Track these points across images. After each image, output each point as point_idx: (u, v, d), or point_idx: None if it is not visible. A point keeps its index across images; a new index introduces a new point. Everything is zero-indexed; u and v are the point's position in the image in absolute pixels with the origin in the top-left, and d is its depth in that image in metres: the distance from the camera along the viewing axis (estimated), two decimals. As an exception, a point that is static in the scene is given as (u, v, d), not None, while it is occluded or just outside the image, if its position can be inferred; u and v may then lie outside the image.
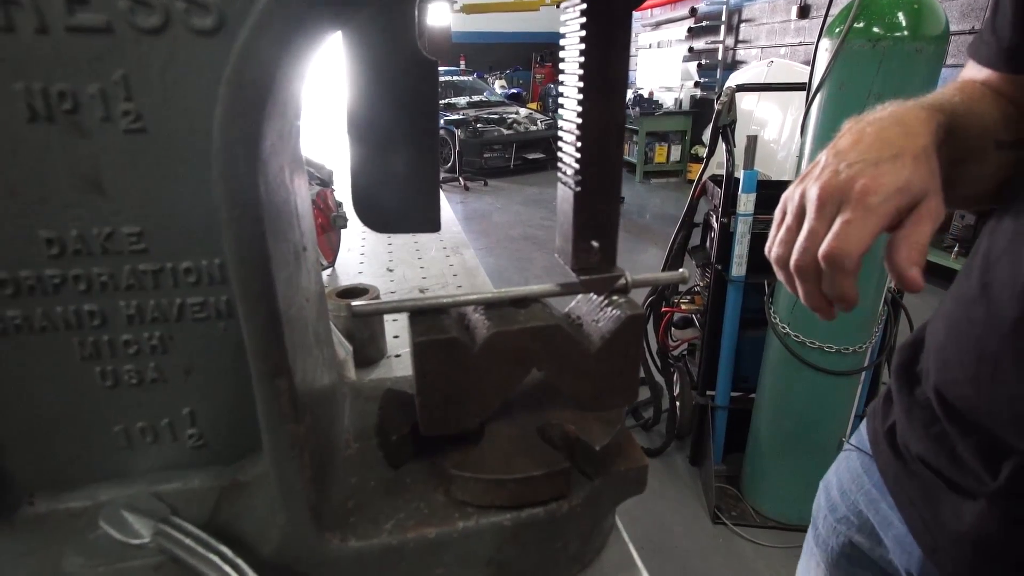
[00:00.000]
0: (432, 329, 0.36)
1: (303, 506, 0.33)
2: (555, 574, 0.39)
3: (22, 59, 0.28)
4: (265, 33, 0.26)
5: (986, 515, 0.45)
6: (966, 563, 0.48)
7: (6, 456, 0.36)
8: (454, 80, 8.52)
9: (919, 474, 0.52)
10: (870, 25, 1.24)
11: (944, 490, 0.50)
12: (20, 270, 0.32)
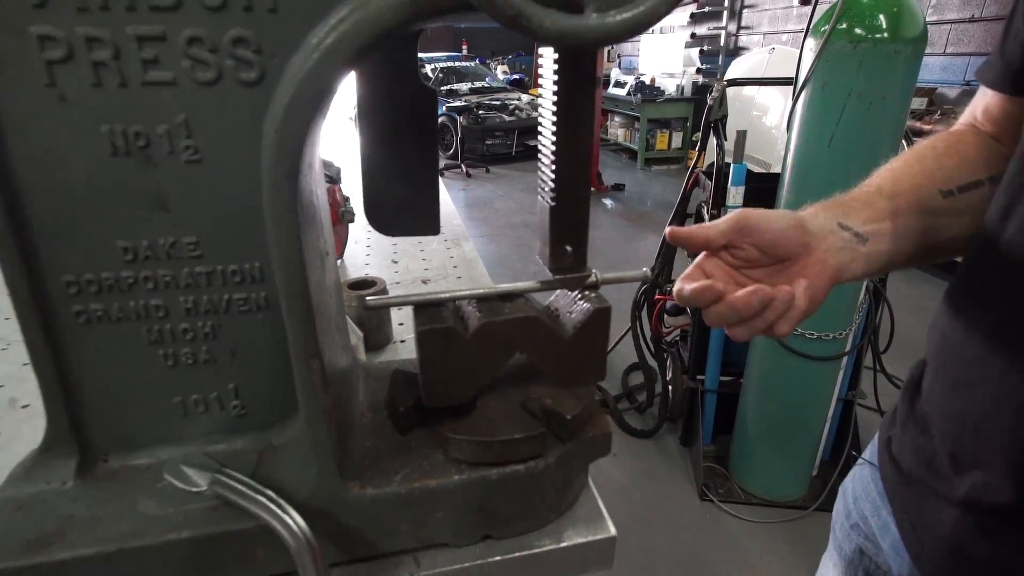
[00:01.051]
0: (432, 319, 0.44)
1: (331, 461, 0.41)
2: (533, 521, 0.47)
3: (107, 108, 0.36)
4: (303, 93, 0.33)
5: (961, 522, 0.48)
6: (945, 568, 0.50)
7: (86, 422, 0.44)
8: (456, 66, 8.50)
9: (910, 483, 0.54)
10: (852, 27, 1.30)
11: (928, 498, 0.52)
12: (102, 272, 0.40)
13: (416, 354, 0.46)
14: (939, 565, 0.51)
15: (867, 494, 0.62)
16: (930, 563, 0.52)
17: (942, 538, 0.50)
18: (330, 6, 0.35)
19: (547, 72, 0.39)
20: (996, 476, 0.45)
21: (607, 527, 0.48)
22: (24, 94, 0.34)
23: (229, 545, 0.41)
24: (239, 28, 0.35)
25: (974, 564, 0.48)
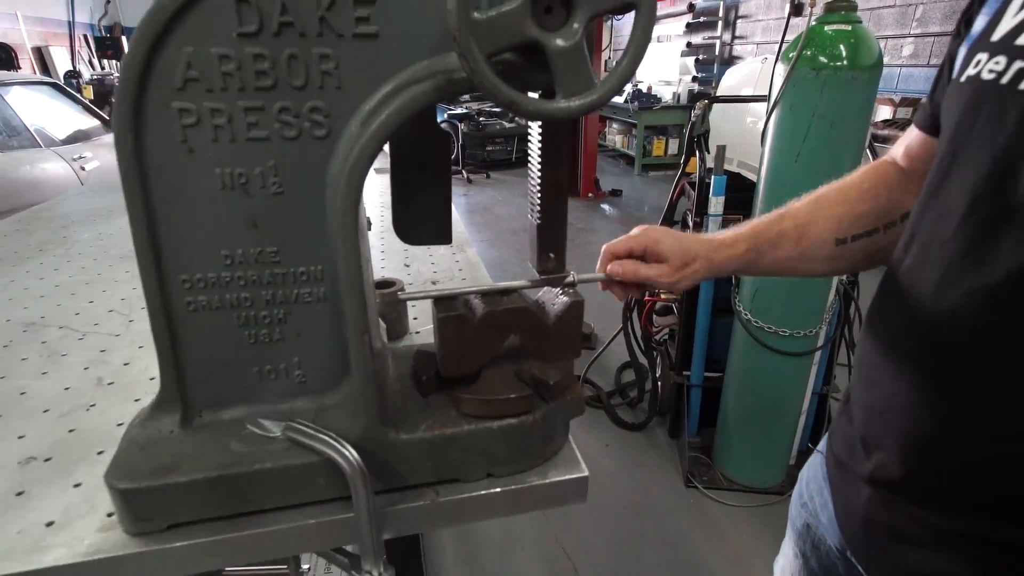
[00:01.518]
0: (449, 309, 0.58)
1: (375, 414, 0.55)
2: (525, 463, 0.61)
3: (221, 157, 0.50)
4: (364, 151, 0.48)
5: (870, 497, 0.57)
6: (860, 535, 0.60)
7: (188, 386, 0.58)
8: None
9: (840, 466, 0.63)
10: (816, 55, 1.45)
11: (850, 478, 0.61)
12: (208, 273, 0.54)
13: (434, 336, 0.60)
14: (856, 533, 0.61)
15: (815, 478, 0.72)
16: (850, 531, 0.62)
17: (858, 511, 0.59)
18: (378, 84, 0.50)
19: (534, 134, 0.54)
20: (891, 456, 0.54)
21: (582, 469, 0.63)
22: (165, 147, 0.49)
23: (298, 475, 0.56)
24: (315, 100, 0.50)
25: (879, 530, 0.57)
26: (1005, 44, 0.45)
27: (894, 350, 0.54)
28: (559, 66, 0.44)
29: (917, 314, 0.50)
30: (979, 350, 0.45)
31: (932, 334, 0.48)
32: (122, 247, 1.38)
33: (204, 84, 0.48)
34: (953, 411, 0.48)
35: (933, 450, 0.50)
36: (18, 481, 0.62)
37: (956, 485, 0.49)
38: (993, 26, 0.47)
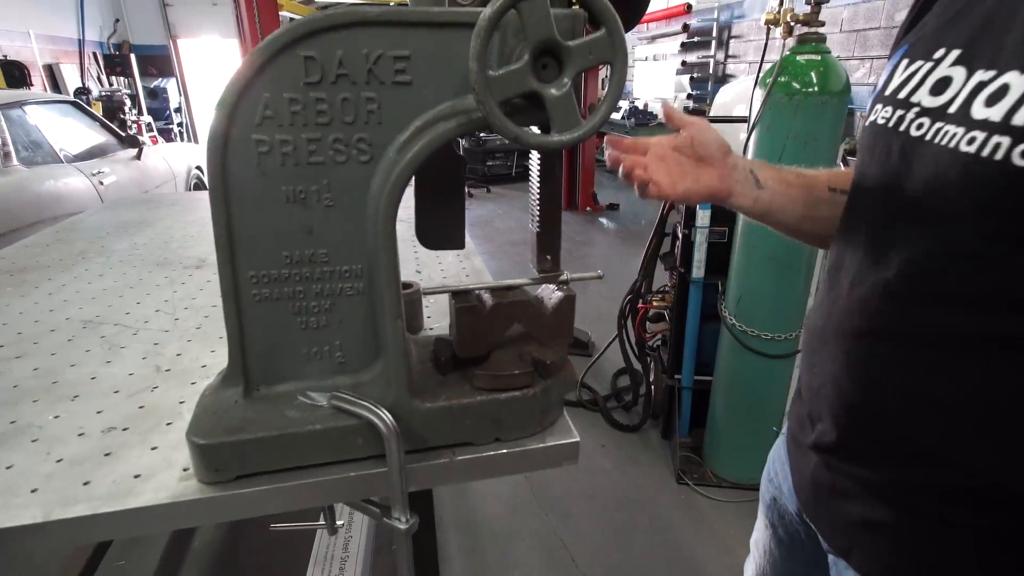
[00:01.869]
0: (464, 300, 0.71)
1: (404, 386, 0.68)
2: (527, 428, 0.73)
3: (286, 177, 0.63)
4: (400, 177, 0.61)
5: (815, 462, 0.66)
6: (810, 497, 0.69)
7: (250, 364, 0.70)
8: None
9: (796, 441, 0.72)
10: (790, 81, 1.60)
11: (802, 449, 0.70)
12: (271, 270, 0.67)
13: (450, 325, 0.73)
14: (807, 496, 0.70)
15: (779, 456, 0.81)
16: (803, 495, 0.72)
17: (808, 476, 0.69)
18: (411, 120, 0.63)
19: (533, 159, 0.67)
20: (827, 425, 0.64)
21: (574, 436, 0.75)
22: (244, 169, 0.62)
23: (341, 435, 0.68)
24: (361, 132, 0.63)
25: (823, 490, 0.66)
26: (892, 97, 0.58)
27: (824, 337, 0.66)
28: (553, 109, 0.58)
29: (839, 306, 0.63)
30: (881, 331, 0.57)
31: (849, 321, 0.61)
32: (157, 256, 1.51)
33: (276, 121, 0.61)
34: (868, 382, 0.60)
35: (856, 415, 0.61)
36: (105, 445, 0.74)
37: (875, 442, 0.60)
38: (887, 84, 0.60)
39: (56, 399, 0.85)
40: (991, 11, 0.51)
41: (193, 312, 1.15)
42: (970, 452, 0.52)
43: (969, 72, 0.50)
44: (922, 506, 0.57)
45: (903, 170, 0.55)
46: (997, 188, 0.45)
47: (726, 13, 7.08)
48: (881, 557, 0.60)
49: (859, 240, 0.61)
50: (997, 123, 0.46)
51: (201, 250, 1.56)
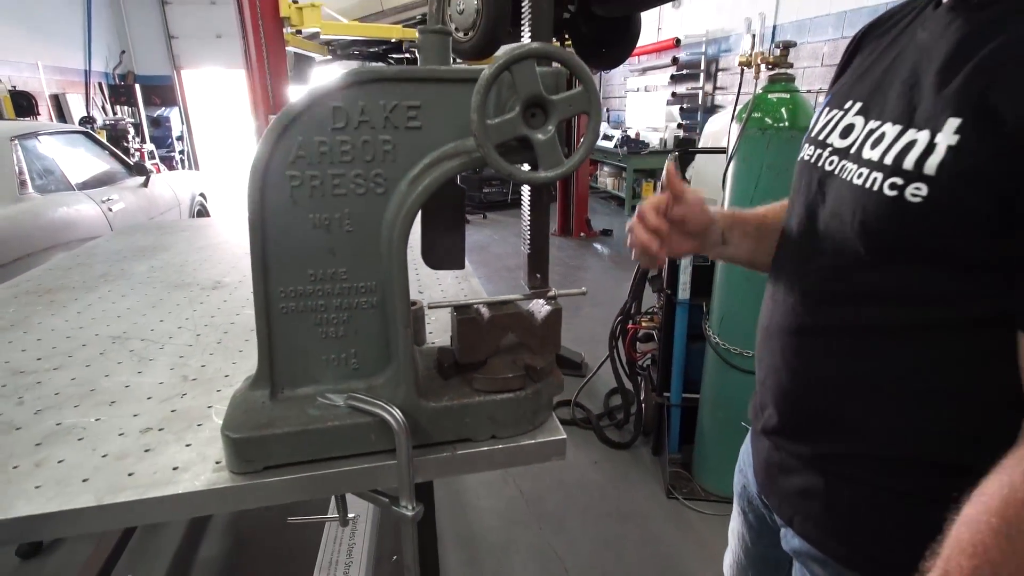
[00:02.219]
0: (465, 313, 0.81)
1: (412, 387, 0.78)
2: (520, 426, 0.83)
3: (313, 206, 0.74)
4: (412, 207, 0.72)
5: (767, 445, 0.77)
6: (765, 476, 0.79)
7: (276, 369, 0.80)
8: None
9: (754, 430, 0.82)
10: (763, 117, 1.73)
11: (758, 435, 0.80)
12: (297, 286, 0.77)
13: (452, 335, 0.83)
14: (763, 477, 0.80)
15: (746, 449, 0.92)
16: (760, 477, 0.81)
17: (762, 458, 0.79)
18: (421, 158, 0.74)
19: (525, 191, 0.78)
20: (772, 410, 0.75)
21: (561, 434, 0.85)
22: (278, 201, 0.73)
23: (356, 431, 0.77)
24: (378, 168, 0.74)
25: (773, 468, 0.77)
26: (815, 138, 0.71)
27: (767, 336, 0.77)
28: (540, 150, 0.69)
29: (776, 309, 0.74)
30: (803, 327, 0.69)
31: (784, 321, 0.72)
32: (174, 278, 1.61)
33: (307, 160, 0.72)
34: (797, 370, 0.71)
35: (791, 399, 0.73)
36: (143, 442, 0.83)
37: (807, 421, 0.71)
38: (813, 127, 0.73)
39: (95, 404, 0.94)
40: (883, 73, 0.65)
41: (213, 328, 1.25)
42: (877, 423, 0.63)
43: (865, 121, 0.63)
44: (847, 473, 0.67)
45: (819, 198, 0.67)
46: (873, 212, 0.58)
47: (713, 47, 7.36)
48: (817, 520, 0.70)
49: (789, 254, 0.73)
50: (876, 162, 0.58)
51: (216, 272, 1.66)
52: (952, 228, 0.53)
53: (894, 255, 0.58)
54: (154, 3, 11.38)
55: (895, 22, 0.70)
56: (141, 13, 11.27)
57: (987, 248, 0.52)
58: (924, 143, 0.54)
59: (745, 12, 6.58)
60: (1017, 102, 0.48)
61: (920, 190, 0.54)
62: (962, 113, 0.52)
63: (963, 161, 0.51)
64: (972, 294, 0.55)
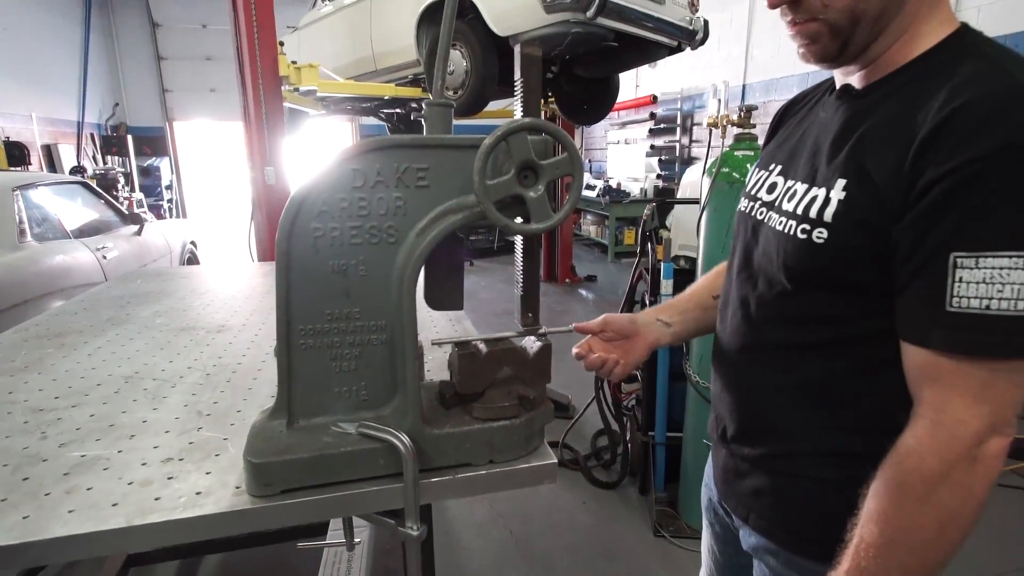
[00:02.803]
0: (465, 348, 0.91)
1: (419, 416, 0.86)
2: (515, 451, 0.91)
3: (333, 253, 0.84)
4: (419, 257, 0.83)
5: (726, 453, 0.89)
6: (723, 484, 0.90)
7: (293, 400, 0.88)
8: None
9: (712, 443, 0.95)
10: (730, 172, 1.90)
11: (718, 446, 0.92)
12: (316, 324, 0.86)
13: (452, 368, 0.93)
14: (722, 484, 0.91)
15: (709, 464, 1.02)
16: (719, 485, 0.92)
17: (720, 466, 0.91)
18: (428, 212, 0.85)
19: (518, 241, 0.90)
20: (727, 420, 0.87)
21: (552, 459, 0.93)
22: (303, 249, 0.83)
23: (367, 456, 0.85)
24: (390, 221, 0.85)
25: (729, 474, 0.88)
26: (749, 193, 0.85)
27: (720, 356, 0.91)
28: (532, 206, 0.81)
29: (726, 332, 0.88)
30: (746, 345, 0.82)
31: (733, 341, 0.86)
32: (180, 321, 1.69)
33: (329, 214, 0.83)
34: (743, 382, 0.84)
35: (741, 409, 0.85)
36: (166, 471, 0.90)
37: (754, 427, 0.83)
38: (747, 184, 0.87)
39: (116, 438, 1.00)
40: (796, 143, 0.81)
41: (221, 368, 1.32)
42: (807, 424, 0.75)
43: (784, 180, 0.79)
44: (789, 470, 0.79)
45: (753, 241, 0.82)
46: (792, 252, 0.72)
47: (688, 104, 7.77)
48: (768, 515, 0.80)
49: (734, 287, 0.85)
50: (791, 212, 0.73)
51: (218, 317, 1.74)
52: (847, 262, 0.67)
53: (808, 285, 0.72)
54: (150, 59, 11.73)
55: (805, 103, 0.88)
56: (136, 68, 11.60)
57: (873, 277, 0.66)
58: (823, 198, 0.69)
59: (717, 72, 7.01)
60: (882, 168, 0.63)
61: (823, 233, 0.68)
62: (847, 175, 0.67)
63: (850, 211, 0.66)
64: (867, 313, 0.68)
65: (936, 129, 0.59)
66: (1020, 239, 0.55)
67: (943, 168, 0.58)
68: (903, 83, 0.68)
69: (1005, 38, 5.98)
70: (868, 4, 0.65)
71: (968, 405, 0.59)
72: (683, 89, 7.74)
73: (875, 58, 0.70)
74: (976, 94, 0.58)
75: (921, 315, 0.61)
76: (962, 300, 0.58)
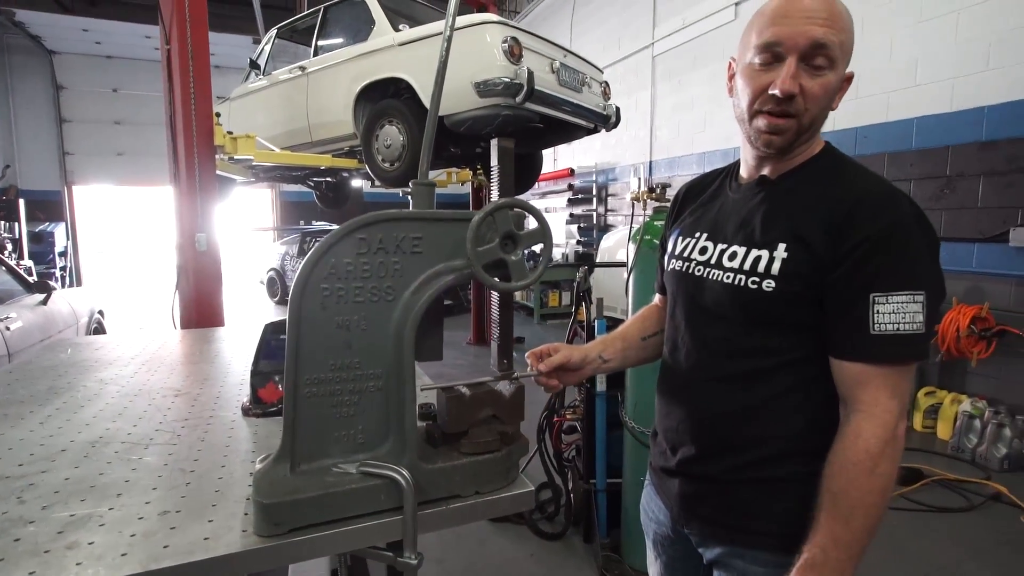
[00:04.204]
0: (451, 392, 1.04)
1: (416, 453, 0.97)
2: (497, 482, 1.03)
3: (338, 311, 0.96)
4: (414, 316, 0.97)
5: (681, 481, 1.04)
6: (680, 508, 1.03)
7: (296, 446, 0.96)
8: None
9: (660, 470, 1.10)
10: (652, 238, 2.19)
11: (667, 476, 1.07)
12: (321, 374, 0.96)
13: (439, 410, 1.05)
14: (677, 509, 1.05)
15: (648, 496, 1.17)
16: (672, 508, 1.06)
17: (675, 493, 1.04)
18: (422, 273, 1.00)
19: (495, 298, 1.06)
20: (688, 446, 1.01)
21: (529, 487, 1.06)
22: (312, 307, 0.94)
23: (369, 493, 0.94)
24: (389, 281, 0.99)
25: (687, 499, 1.02)
26: (679, 256, 1.07)
27: (672, 396, 1.08)
28: (512, 268, 0.98)
29: (682, 370, 1.06)
30: (703, 377, 1.01)
31: (693, 375, 1.03)
32: (133, 388, 1.67)
33: (336, 276, 0.95)
34: (703, 409, 1.01)
35: (701, 432, 1.02)
36: (167, 522, 0.93)
37: (713, 447, 1.00)
38: (674, 249, 1.10)
39: (102, 497, 1.02)
40: (715, 215, 1.04)
41: (191, 429, 1.35)
42: (764, 435, 0.94)
43: (715, 244, 1.00)
44: (749, 476, 0.96)
45: (698, 294, 1.01)
46: (747, 298, 0.92)
47: (602, 176, 8.46)
48: (729, 524, 0.97)
49: (685, 333, 1.05)
50: (737, 268, 0.94)
51: (172, 381, 1.74)
52: (789, 305, 0.90)
53: (758, 324, 0.93)
54: (50, 122, 11.17)
55: (704, 187, 1.12)
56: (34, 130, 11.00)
57: (807, 315, 0.89)
58: (767, 257, 0.91)
59: (626, 149, 7.75)
60: (813, 236, 0.87)
61: (771, 284, 0.90)
62: (786, 240, 0.90)
63: (791, 267, 0.89)
64: (803, 343, 0.91)
65: (848, 213, 0.85)
66: (912, 282, 0.81)
67: (856, 238, 0.83)
68: (806, 177, 0.94)
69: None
70: (818, 118, 0.91)
71: (889, 399, 0.83)
72: (597, 164, 8.45)
73: (792, 157, 0.96)
74: (866, 191, 0.86)
75: (854, 337, 0.84)
76: (881, 326, 0.82)
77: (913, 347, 0.82)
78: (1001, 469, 3.41)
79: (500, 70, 3.33)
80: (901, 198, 0.86)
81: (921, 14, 4.22)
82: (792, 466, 0.92)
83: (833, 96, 0.91)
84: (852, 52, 0.90)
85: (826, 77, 0.88)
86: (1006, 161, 3.76)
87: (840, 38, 0.87)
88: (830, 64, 0.87)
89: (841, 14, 0.87)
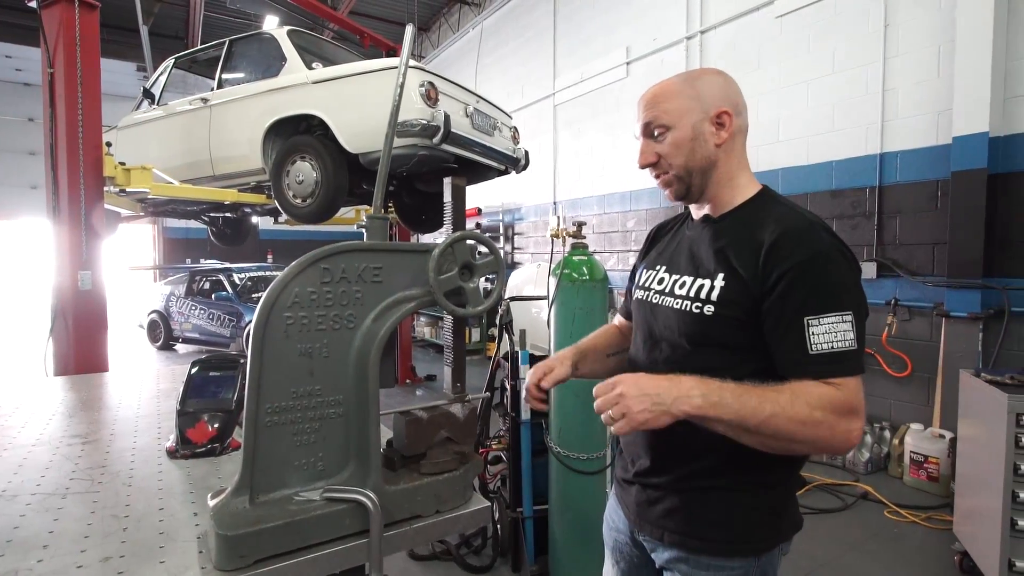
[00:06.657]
0: (409, 415, 1.08)
1: (379, 476, 1.00)
2: (456, 500, 1.08)
3: (302, 339, 0.98)
4: (375, 346, 1.01)
5: (639, 490, 1.13)
6: (637, 516, 1.11)
7: (255, 476, 0.95)
8: (265, 275, 8.98)
9: (621, 483, 1.20)
10: (571, 273, 2.35)
11: (627, 486, 1.17)
12: (282, 402, 0.97)
13: (396, 433, 1.09)
14: (635, 517, 1.13)
15: (611, 507, 1.26)
16: (632, 516, 1.14)
17: (633, 502, 1.13)
18: (382, 301, 1.05)
19: (447, 322, 1.12)
20: (643, 459, 1.11)
21: (485, 503, 1.11)
22: (275, 335, 0.96)
23: (333, 518, 0.95)
24: (350, 310, 1.03)
25: (643, 506, 1.11)
26: (642, 286, 1.21)
27: None
28: (468, 295, 1.06)
29: None
30: None
31: None
32: (26, 437, 1.51)
33: (300, 304, 0.98)
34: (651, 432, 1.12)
35: (654, 446, 1.12)
36: (113, 567, 0.88)
37: (664, 458, 1.10)
38: (639, 281, 1.24)
39: (25, 551, 0.93)
40: (674, 251, 1.18)
41: (112, 476, 1.25)
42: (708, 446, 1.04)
43: (670, 275, 1.14)
44: (695, 485, 1.07)
45: (653, 319, 1.15)
46: (690, 322, 1.05)
47: (509, 216, 8.75)
48: (680, 529, 1.06)
49: (642, 353, 1.17)
50: (683, 295, 1.08)
51: (74, 428, 1.59)
52: (726, 327, 1.02)
53: (702, 345, 1.05)
54: None
55: (670, 227, 1.28)
56: None
57: (744, 337, 1.01)
58: (708, 285, 1.05)
59: (531, 189, 8.11)
60: (745, 267, 1.00)
61: (711, 309, 1.03)
62: (723, 271, 1.04)
63: (728, 293, 1.02)
64: (744, 362, 1.01)
65: (772, 245, 0.97)
66: (839, 304, 0.92)
67: (783, 268, 0.95)
68: (741, 216, 1.07)
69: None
70: (693, 164, 1.06)
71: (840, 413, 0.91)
72: (503, 203, 8.75)
73: (713, 199, 1.09)
74: (789, 226, 0.98)
75: (796, 358, 0.94)
76: (817, 346, 0.92)
77: (848, 363, 0.92)
78: (866, 471, 3.90)
79: (418, 112, 3.44)
80: (820, 229, 0.97)
81: (781, 81, 4.94)
82: (733, 475, 1.03)
83: (695, 141, 1.05)
84: (693, 104, 1.05)
85: (669, 137, 1.07)
86: (851, 206, 4.45)
87: (664, 107, 1.06)
88: (665, 129, 1.07)
89: (666, 89, 1.08)
